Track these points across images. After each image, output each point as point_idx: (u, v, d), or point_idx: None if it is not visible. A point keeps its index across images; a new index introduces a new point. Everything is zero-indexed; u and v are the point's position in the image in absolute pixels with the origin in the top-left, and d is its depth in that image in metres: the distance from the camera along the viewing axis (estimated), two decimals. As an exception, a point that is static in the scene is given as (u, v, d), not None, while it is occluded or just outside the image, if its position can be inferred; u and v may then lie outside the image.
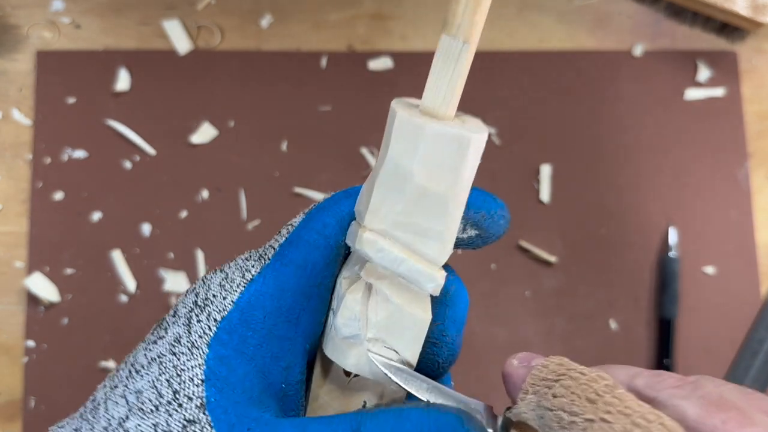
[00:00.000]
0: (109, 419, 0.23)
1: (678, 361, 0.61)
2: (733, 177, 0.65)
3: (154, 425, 0.22)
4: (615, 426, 0.20)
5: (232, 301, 0.24)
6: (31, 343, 0.59)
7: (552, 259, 0.62)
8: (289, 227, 0.26)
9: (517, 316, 0.62)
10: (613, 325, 0.62)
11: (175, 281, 0.60)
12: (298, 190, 0.62)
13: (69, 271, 0.60)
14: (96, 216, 0.61)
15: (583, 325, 0.62)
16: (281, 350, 0.24)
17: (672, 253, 0.62)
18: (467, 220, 0.26)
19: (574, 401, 0.21)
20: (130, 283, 0.60)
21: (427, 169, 0.24)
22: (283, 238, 0.25)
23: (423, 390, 0.24)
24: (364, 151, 0.63)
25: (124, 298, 0.60)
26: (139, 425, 0.22)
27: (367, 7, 0.66)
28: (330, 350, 0.26)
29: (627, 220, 0.64)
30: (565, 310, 0.62)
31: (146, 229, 0.61)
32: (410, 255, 0.24)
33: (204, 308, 0.24)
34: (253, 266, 0.25)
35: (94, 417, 0.23)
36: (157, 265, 0.61)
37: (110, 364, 0.59)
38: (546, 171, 0.64)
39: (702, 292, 0.63)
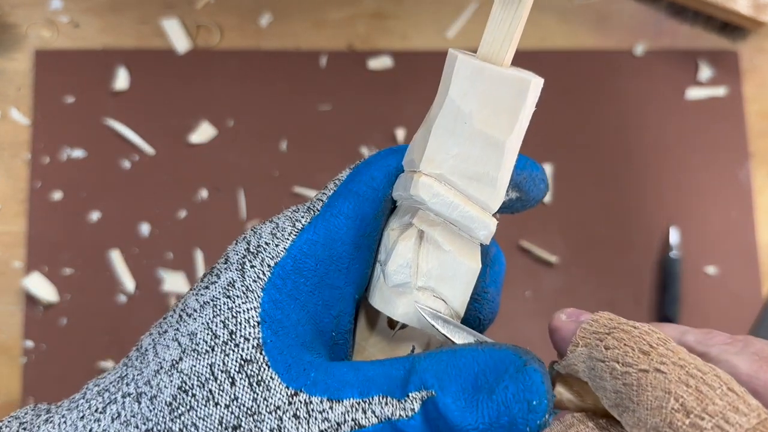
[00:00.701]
0: (160, 362, 0.22)
1: (679, 361, 0.61)
2: (735, 177, 0.64)
3: (210, 365, 0.22)
4: (670, 376, 0.20)
5: (284, 249, 0.24)
6: (29, 344, 0.59)
7: (553, 259, 0.62)
8: (337, 181, 0.26)
9: (518, 316, 0.62)
10: (613, 325, 0.62)
11: (174, 281, 0.60)
12: (298, 189, 0.62)
13: (68, 271, 0.60)
14: (95, 216, 0.61)
15: (583, 325, 0.62)
16: (332, 298, 0.24)
17: (673, 253, 0.62)
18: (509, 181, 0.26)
19: (627, 353, 0.20)
20: (129, 284, 0.60)
21: (485, 112, 0.24)
22: (331, 191, 0.26)
23: (471, 341, 0.23)
24: (364, 150, 0.63)
25: (123, 298, 0.60)
26: (193, 366, 0.22)
27: (367, 6, 0.66)
28: (378, 301, 0.26)
29: (628, 220, 0.63)
30: (565, 310, 0.62)
31: (145, 229, 0.61)
32: (464, 201, 0.24)
33: (257, 254, 0.24)
34: (303, 216, 0.25)
35: (142, 362, 0.23)
36: (156, 265, 0.61)
37: (109, 364, 0.59)
38: (546, 171, 0.63)
39: (703, 292, 0.63)
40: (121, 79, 0.63)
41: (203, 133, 0.63)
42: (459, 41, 0.65)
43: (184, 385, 0.22)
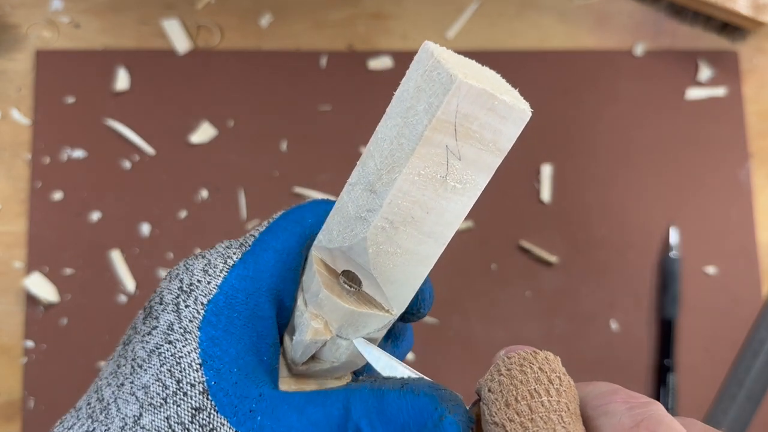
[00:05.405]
0: (123, 419, 0.23)
1: (679, 361, 0.61)
2: (734, 177, 0.64)
3: (167, 418, 0.23)
4: None
5: (216, 286, 0.25)
6: (30, 344, 0.59)
7: (552, 259, 0.62)
8: (270, 219, 0.27)
9: (518, 317, 0.62)
10: (613, 325, 0.62)
11: (174, 281, 0.60)
12: (298, 190, 0.62)
13: (68, 271, 0.60)
14: (95, 216, 0.61)
15: (583, 325, 0.62)
16: (265, 328, 0.25)
17: (673, 253, 0.62)
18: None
19: (497, 399, 0.21)
20: (130, 284, 0.60)
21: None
22: (264, 228, 0.27)
23: (394, 375, 0.24)
24: (364, 150, 0.63)
25: (123, 298, 0.60)
26: (153, 420, 0.23)
27: (367, 6, 0.66)
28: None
29: (628, 220, 0.64)
30: (565, 310, 0.62)
31: (145, 229, 0.61)
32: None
33: (190, 293, 0.25)
34: (234, 253, 0.26)
35: (106, 417, 0.23)
36: (157, 265, 0.61)
37: (109, 364, 0.59)
38: (546, 171, 0.63)
39: (703, 292, 0.63)
40: (122, 80, 0.63)
41: (203, 133, 0.63)
42: (459, 41, 0.65)
43: None
